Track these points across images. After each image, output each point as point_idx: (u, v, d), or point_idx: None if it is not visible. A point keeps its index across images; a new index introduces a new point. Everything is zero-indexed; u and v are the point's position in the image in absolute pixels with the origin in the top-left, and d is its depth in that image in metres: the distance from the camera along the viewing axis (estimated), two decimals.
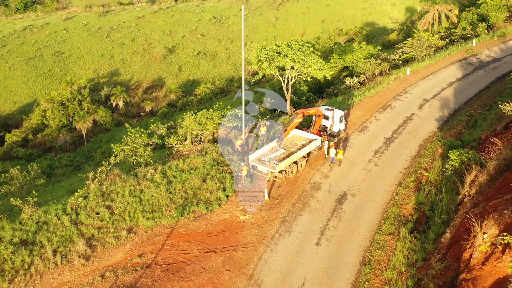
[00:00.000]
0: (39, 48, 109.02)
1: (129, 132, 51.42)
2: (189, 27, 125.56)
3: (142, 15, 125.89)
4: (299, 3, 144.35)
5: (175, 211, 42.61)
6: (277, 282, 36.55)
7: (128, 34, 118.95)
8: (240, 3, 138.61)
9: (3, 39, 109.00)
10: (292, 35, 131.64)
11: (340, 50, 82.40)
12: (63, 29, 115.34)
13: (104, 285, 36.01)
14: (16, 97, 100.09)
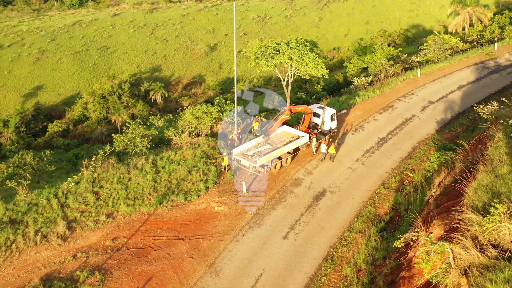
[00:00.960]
0: (86, 42, 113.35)
1: (128, 123, 53.46)
2: (232, 26, 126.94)
3: (187, 12, 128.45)
4: (344, 3, 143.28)
5: (155, 199, 44.16)
6: (235, 271, 37.52)
7: (172, 31, 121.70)
8: (285, 3, 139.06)
9: (53, 33, 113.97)
10: (335, 36, 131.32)
11: (361, 51, 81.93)
12: (110, 25, 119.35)
13: (73, 264, 37.97)
14: (61, 89, 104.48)
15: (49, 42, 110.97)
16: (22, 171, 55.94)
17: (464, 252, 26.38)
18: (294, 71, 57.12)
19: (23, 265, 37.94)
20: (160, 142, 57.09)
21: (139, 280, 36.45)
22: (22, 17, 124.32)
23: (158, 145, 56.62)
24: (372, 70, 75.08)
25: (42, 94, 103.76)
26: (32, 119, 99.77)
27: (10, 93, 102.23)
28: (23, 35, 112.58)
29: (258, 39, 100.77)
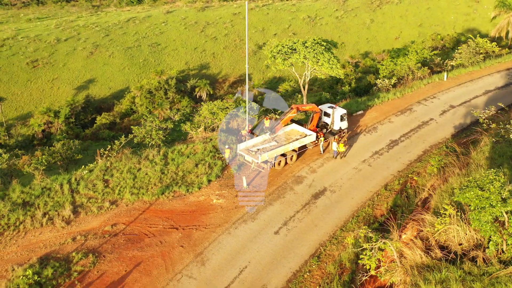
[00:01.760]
0: (138, 38, 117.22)
1: (145, 116, 55.65)
2: (282, 25, 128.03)
3: (238, 11, 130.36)
4: (397, 5, 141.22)
5: (158, 190, 46.03)
6: (221, 262, 38.78)
7: (222, 29, 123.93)
8: (337, 4, 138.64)
9: (108, 29, 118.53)
10: (386, 38, 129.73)
11: (394, 53, 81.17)
12: (163, 22, 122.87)
13: (72, 246, 40.31)
14: (112, 83, 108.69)
15: (103, 37, 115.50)
16: (51, 158, 59.18)
17: (410, 252, 26.68)
18: (310, 71, 57.68)
19: (26, 244, 40.56)
20: (179, 135, 59.03)
21: (128, 265, 38.30)
22: (81, 13, 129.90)
23: (178, 138, 58.57)
24: (398, 72, 74.39)
25: (93, 87, 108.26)
26: (82, 111, 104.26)
27: (63, 85, 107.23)
28: (79, 30, 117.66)
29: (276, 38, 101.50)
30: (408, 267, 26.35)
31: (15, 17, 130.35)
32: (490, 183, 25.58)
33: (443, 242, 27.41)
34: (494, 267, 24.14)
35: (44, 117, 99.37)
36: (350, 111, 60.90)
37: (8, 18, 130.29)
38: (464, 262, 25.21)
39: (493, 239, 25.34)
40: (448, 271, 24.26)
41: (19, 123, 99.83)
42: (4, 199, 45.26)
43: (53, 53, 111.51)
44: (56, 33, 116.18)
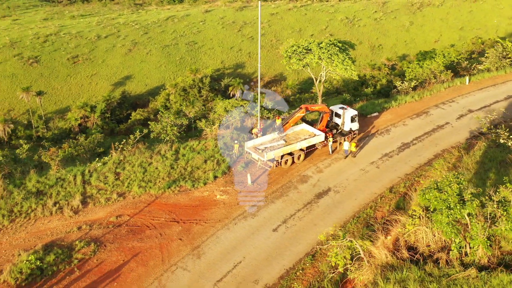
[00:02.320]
0: (176, 37, 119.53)
1: (161, 113, 57.19)
2: (319, 26, 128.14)
3: (276, 11, 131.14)
4: (438, 8, 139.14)
5: (165, 184, 47.39)
6: (217, 256, 39.75)
7: None
8: (376, 5, 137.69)
9: (147, 27, 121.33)
10: (425, 41, 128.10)
11: (421, 56, 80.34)
12: (201, 21, 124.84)
13: (76, 234, 42.04)
14: (148, 80, 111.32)
15: (142, 35, 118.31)
16: (74, 151, 61.42)
17: (377, 251, 27.02)
18: (325, 72, 58.01)
19: (35, 231, 42.51)
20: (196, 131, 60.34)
21: (127, 255, 39.72)
22: (122, 11, 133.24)
23: (194, 134, 59.90)
24: (419, 75, 73.67)
25: (130, 83, 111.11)
26: (118, 107, 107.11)
27: (101, 81, 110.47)
28: (119, 27, 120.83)
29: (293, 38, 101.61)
30: (374, 267, 26.68)
31: (60, 14, 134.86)
32: (448, 185, 25.63)
33: (413, 243, 27.59)
34: (454, 270, 24.25)
35: (81, 112, 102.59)
36: (365, 112, 60.90)
37: (53, 14, 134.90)
38: (427, 263, 25.37)
39: (456, 241, 25.40)
40: (409, 271, 24.53)
41: (57, 116, 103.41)
42: (20, 188, 47.38)
43: (93, 49, 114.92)
44: (97, 30, 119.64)
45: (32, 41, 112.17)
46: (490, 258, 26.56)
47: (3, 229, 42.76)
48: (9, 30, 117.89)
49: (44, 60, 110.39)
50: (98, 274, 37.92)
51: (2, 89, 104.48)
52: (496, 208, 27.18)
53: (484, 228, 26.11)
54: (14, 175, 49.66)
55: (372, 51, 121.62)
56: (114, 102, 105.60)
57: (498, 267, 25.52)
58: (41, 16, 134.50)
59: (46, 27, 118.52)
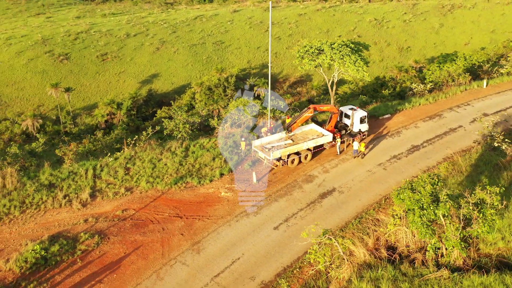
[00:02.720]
0: (203, 36, 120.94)
1: (173, 110, 58.32)
2: (347, 27, 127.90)
3: (304, 12, 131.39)
4: (470, 10, 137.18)
5: (172, 180, 48.41)
6: (216, 252, 40.49)
7: (286, 29, 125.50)
8: (406, 7, 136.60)
9: (175, 26, 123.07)
10: (455, 44, 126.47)
11: (442, 58, 79.60)
12: (229, 21, 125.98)
13: (82, 227, 43.33)
14: (174, 78, 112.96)
15: (170, 34, 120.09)
16: (92, 146, 63.10)
17: (356, 250, 27.37)
18: (337, 72, 58.23)
19: (43, 223, 43.96)
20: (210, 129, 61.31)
21: (129, 248, 40.78)
22: (152, 10, 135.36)
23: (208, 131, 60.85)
24: (436, 78, 73.05)
25: (157, 81, 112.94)
26: (144, 104, 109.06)
27: (129, 79, 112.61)
28: (148, 26, 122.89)
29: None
30: (354, 265, 27.03)
31: (92, 12, 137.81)
32: (422, 186, 25.79)
33: (393, 243, 27.83)
34: (428, 270, 24.44)
35: (108, 108, 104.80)
36: (377, 114, 60.83)
37: (85, 13, 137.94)
38: (403, 263, 25.60)
39: (432, 242, 25.56)
40: (384, 270, 24.81)
41: (85, 112, 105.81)
42: (33, 180, 49.02)
43: (122, 47, 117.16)
44: (126, 28, 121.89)
45: (63, 39, 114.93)
46: (466, 260, 26.63)
47: (14, 219, 44.28)
48: (42, 27, 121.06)
49: (74, 57, 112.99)
50: (99, 265, 38.99)
51: (33, 84, 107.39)
52: (471, 210, 27.23)
53: (458, 229, 26.18)
54: (29, 168, 51.25)
55: (400, 53, 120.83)
56: (140, 99, 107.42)
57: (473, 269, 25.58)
58: (73, 14, 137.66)
59: (77, 25, 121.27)
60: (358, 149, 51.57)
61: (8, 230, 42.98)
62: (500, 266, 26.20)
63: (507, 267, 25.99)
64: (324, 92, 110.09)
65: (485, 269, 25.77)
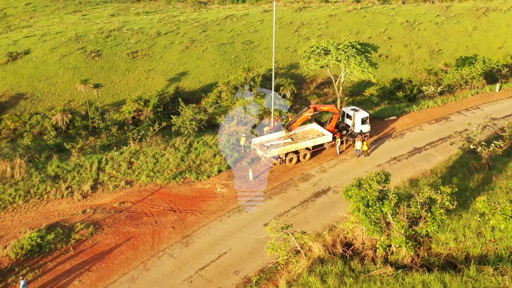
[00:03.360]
0: (233, 36, 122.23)
1: (181, 107, 59.77)
2: (377, 29, 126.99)
3: (335, 13, 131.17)
4: (505, 13, 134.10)
5: (171, 174, 49.81)
6: (204, 246, 41.64)
7: (316, 30, 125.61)
8: (439, 9, 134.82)
9: (205, 25, 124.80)
10: (488, 48, 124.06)
11: (461, 61, 78.64)
12: (259, 21, 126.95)
13: (80, 217, 45.12)
14: (202, 77, 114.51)
15: (200, 33, 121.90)
16: (107, 141, 65.07)
17: (314, 245, 28.06)
18: (344, 73, 58.55)
19: (44, 212, 45.95)
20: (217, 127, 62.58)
21: (120, 238, 42.32)
22: (185, 9, 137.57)
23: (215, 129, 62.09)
24: (449, 81, 72.23)
25: (185, 79, 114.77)
26: (171, 102, 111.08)
27: (158, 76, 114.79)
28: (179, 24, 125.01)
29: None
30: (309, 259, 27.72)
31: (126, 11, 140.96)
32: (369, 183, 26.22)
33: (351, 240, 28.35)
34: (375, 267, 24.94)
35: (135, 105, 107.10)
36: (383, 116, 60.82)
37: (119, 11, 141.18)
38: (353, 259, 26.13)
39: (381, 240, 26.00)
40: (334, 265, 25.41)
41: (113, 108, 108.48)
42: (40, 171, 51.18)
43: (152, 45, 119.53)
44: (157, 26, 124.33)
45: (96, 36, 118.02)
46: (414, 259, 26.92)
47: (17, 208, 46.38)
48: (76, 24, 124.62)
49: (106, 54, 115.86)
50: (90, 254, 40.60)
51: (65, 80, 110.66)
52: (419, 209, 27.51)
53: (405, 227, 26.51)
54: (39, 160, 53.44)
55: (431, 55, 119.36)
56: (167, 97, 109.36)
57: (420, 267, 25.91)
58: (108, 12, 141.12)
59: (110, 22, 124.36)
60: (361, 148, 51.88)
61: (10, 218, 45.01)
62: (445, 266, 26.46)
63: (452, 267, 26.25)
64: (351, 94, 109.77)
65: (432, 268, 26.06)
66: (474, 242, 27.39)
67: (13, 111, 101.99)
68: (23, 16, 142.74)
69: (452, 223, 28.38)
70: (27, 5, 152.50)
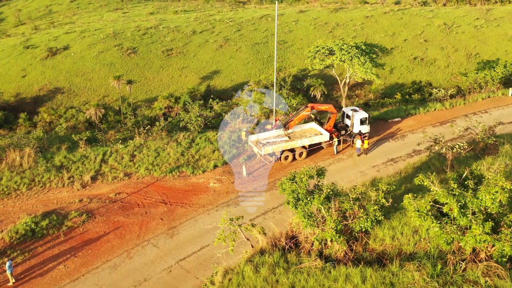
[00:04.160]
0: (267, 35, 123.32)
1: (188, 105, 61.32)
2: (414, 31, 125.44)
3: (371, 14, 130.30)
4: None
5: (169, 168, 51.40)
6: (188, 238, 42.99)
7: (350, 31, 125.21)
8: (479, 12, 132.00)
9: (240, 24, 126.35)
10: None
11: (481, 65, 77.17)
12: (293, 21, 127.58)
13: (76, 206, 47.24)
14: (234, 76, 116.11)
15: (234, 32, 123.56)
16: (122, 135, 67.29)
17: (259, 237, 28.94)
18: (349, 73, 58.83)
19: (44, 200, 48.31)
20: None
21: (109, 227, 44.13)
22: (222, 8, 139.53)
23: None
24: (462, 84, 71.01)
25: (217, 78, 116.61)
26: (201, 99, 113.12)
27: (190, 74, 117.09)
28: (215, 23, 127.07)
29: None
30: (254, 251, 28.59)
31: (165, 9, 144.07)
32: (300, 177, 26.83)
33: (296, 233, 29.06)
34: (308, 259, 25.65)
35: (166, 102, 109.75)
36: (387, 117, 60.65)
37: (158, 9, 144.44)
38: (291, 252, 26.86)
39: (316, 233, 26.63)
40: (271, 257, 26.25)
41: (145, 105, 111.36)
42: (48, 161, 53.68)
43: (187, 43, 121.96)
44: (193, 25, 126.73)
45: (133, 33, 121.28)
46: (348, 253, 27.36)
47: (20, 195, 48.91)
48: (115, 22, 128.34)
49: (141, 52, 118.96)
50: (78, 241, 42.55)
51: (101, 76, 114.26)
52: (352, 205, 27.92)
53: (335, 222, 26.98)
54: (49, 150, 56.00)
55: (468, 59, 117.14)
56: (198, 94, 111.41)
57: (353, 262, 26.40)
58: (148, 10, 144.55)
59: (148, 20, 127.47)
60: (361, 147, 52.20)
61: (12, 204, 47.54)
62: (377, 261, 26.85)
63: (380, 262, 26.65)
64: (382, 96, 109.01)
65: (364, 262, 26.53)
66: (409, 239, 27.68)
67: (50, 104, 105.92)
68: (67, 13, 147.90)
69: (394, 221, 28.71)
70: (72, 2, 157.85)
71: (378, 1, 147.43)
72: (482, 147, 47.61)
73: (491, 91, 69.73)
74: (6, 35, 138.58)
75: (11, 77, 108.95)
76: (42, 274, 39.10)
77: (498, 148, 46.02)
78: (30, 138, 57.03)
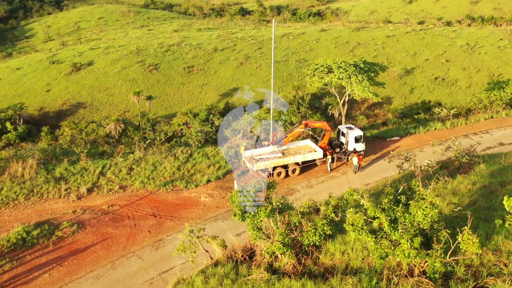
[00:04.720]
0: (288, 53, 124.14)
1: (188, 120, 62.14)
2: (435, 51, 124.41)
3: (393, 34, 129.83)
4: None
5: (163, 182, 52.17)
6: (173, 250, 43.16)
7: (371, 50, 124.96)
8: (503, 33, 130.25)
9: (261, 42, 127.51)
10: None
11: (492, 85, 76.13)
12: (314, 40, 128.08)
13: (69, 216, 48.27)
14: (253, 93, 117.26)
15: (255, 50, 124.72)
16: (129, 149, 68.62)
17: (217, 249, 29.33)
18: (349, 91, 58.88)
19: (39, 210, 49.51)
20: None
21: (98, 238, 44.95)
22: (245, 26, 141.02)
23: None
24: (467, 104, 70.05)
25: (236, 95, 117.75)
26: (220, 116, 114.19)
27: (210, 91, 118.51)
28: (236, 41, 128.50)
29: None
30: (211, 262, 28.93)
31: (189, 27, 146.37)
32: (247, 190, 27.06)
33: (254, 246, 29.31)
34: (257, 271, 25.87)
35: (184, 118, 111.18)
36: (386, 136, 60.29)
37: (183, 27, 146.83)
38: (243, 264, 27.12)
39: (266, 246, 26.83)
40: (223, 268, 26.57)
41: (164, 120, 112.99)
42: (50, 172, 55.05)
43: (208, 60, 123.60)
44: (215, 42, 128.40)
45: (155, 50, 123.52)
46: (296, 266, 27.38)
47: (17, 204, 50.21)
48: (139, 38, 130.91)
49: (163, 68, 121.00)
50: (66, 251, 43.42)
51: (122, 91, 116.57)
52: (300, 218, 28.00)
53: (282, 235, 27.09)
54: (51, 162, 57.43)
55: (490, 80, 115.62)
56: (216, 111, 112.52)
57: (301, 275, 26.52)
58: (173, 27, 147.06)
59: (171, 37, 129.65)
60: (358, 164, 52.15)
61: (8, 213, 48.82)
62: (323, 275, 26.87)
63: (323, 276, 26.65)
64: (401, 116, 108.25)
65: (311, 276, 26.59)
66: (358, 254, 27.61)
67: (72, 118, 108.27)
68: (94, 29, 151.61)
69: (348, 236, 28.68)
70: (100, 19, 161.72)
71: (402, 21, 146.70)
72: (457, 166, 47.16)
73: (495, 111, 68.69)
74: (35, 51, 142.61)
75: (36, 91, 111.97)
76: (27, 282, 39.93)
77: (472, 167, 45.53)
78: (34, 150, 58.46)
